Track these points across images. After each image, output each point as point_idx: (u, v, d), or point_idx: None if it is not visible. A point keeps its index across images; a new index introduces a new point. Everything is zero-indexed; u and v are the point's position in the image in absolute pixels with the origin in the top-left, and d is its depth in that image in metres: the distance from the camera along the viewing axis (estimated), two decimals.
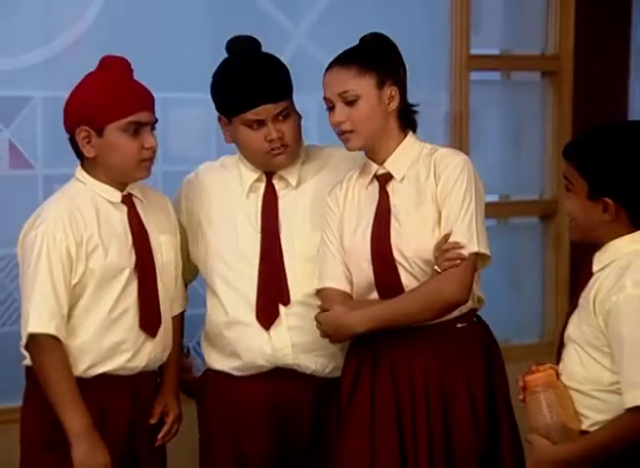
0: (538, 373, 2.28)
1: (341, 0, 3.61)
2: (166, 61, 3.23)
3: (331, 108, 2.59)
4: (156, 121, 2.65)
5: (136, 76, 2.65)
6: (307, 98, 2.79)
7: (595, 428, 2.21)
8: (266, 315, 2.73)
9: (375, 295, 2.62)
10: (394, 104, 2.60)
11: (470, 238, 2.53)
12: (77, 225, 2.57)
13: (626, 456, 2.18)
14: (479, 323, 2.69)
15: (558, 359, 2.33)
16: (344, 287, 2.64)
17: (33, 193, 3.24)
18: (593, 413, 2.22)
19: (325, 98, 2.61)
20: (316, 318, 2.63)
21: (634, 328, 2.13)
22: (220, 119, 2.75)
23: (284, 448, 2.79)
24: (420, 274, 2.57)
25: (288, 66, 2.75)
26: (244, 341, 2.75)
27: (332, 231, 2.67)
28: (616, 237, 2.24)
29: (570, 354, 2.27)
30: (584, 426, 2.23)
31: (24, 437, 2.66)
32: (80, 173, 2.66)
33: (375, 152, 2.63)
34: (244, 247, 2.75)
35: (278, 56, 2.77)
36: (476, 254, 2.55)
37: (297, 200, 2.76)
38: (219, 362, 2.81)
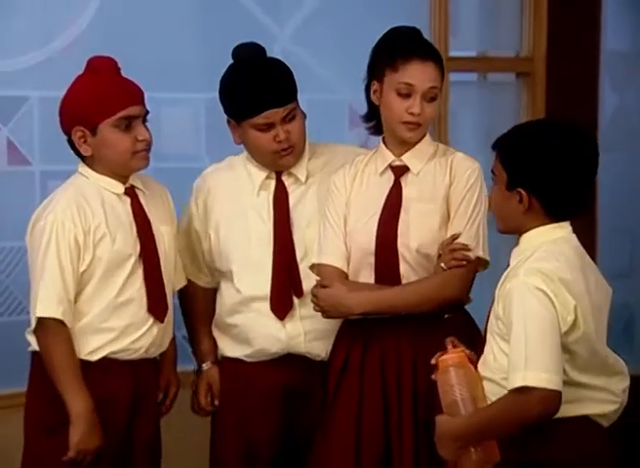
0: (451, 354, 2.32)
1: (324, 5, 3.65)
2: (159, 63, 3.26)
3: (405, 95, 2.61)
4: (147, 113, 2.69)
5: (130, 77, 2.70)
6: None
7: None
8: (281, 307, 2.78)
9: (366, 278, 2.67)
10: None
11: (477, 243, 2.63)
12: (85, 215, 2.62)
13: (526, 435, 2.21)
14: (464, 314, 2.76)
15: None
16: (342, 265, 2.68)
17: (30, 188, 3.30)
18: None
19: (405, 83, 2.61)
20: (313, 292, 2.68)
21: (520, 314, 2.17)
22: (229, 122, 2.80)
23: (291, 432, 2.84)
24: (419, 267, 2.65)
25: None
26: (257, 330, 2.80)
27: (336, 210, 2.71)
28: (531, 228, 2.28)
29: (486, 346, 2.31)
30: None
31: (28, 421, 2.71)
32: (83, 168, 2.70)
33: (401, 145, 2.68)
34: (257, 242, 2.80)
35: None
36: (478, 259, 2.65)
37: (306, 194, 2.82)
38: (231, 349, 2.87)
